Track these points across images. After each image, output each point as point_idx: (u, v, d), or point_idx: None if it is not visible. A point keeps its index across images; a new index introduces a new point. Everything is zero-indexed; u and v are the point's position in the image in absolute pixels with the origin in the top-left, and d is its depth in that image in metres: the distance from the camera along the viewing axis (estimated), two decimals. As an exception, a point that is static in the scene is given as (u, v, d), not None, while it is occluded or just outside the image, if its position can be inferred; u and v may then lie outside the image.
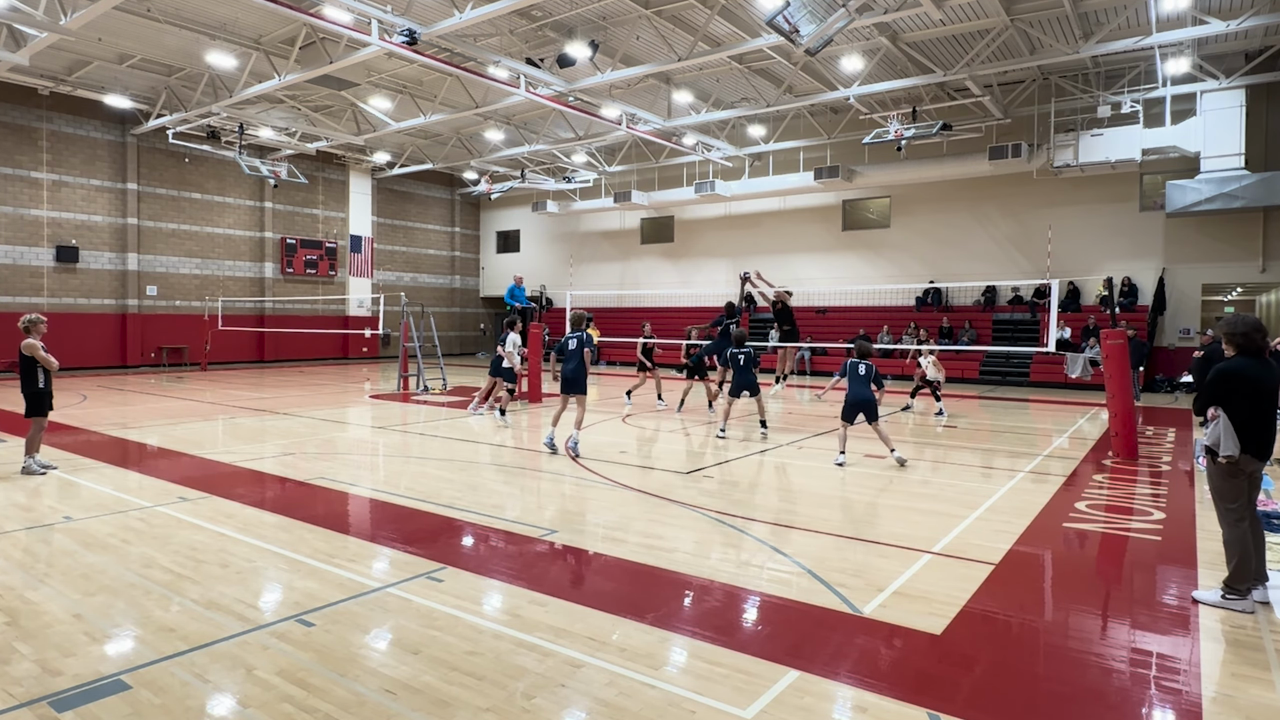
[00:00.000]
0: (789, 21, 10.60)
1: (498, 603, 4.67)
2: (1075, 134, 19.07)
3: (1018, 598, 4.82)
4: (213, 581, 4.93)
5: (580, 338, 9.73)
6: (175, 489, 7.59)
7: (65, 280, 22.45)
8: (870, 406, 9.12)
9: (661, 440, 11.17)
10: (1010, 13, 14.98)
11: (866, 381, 9.15)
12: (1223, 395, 4.61)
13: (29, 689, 3.50)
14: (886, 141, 18.67)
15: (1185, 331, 19.87)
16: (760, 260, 26.66)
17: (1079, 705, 3.49)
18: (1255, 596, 4.62)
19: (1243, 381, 4.56)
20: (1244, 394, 4.55)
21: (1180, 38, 14.92)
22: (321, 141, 24.79)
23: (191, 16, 16.03)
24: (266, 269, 27.30)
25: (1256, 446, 4.55)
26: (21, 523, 6.33)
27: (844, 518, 6.79)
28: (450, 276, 34.47)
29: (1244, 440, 4.54)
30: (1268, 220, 18.62)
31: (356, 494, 7.61)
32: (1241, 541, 4.58)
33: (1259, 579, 4.66)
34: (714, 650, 3.96)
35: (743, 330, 11.70)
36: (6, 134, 21.18)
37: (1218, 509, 4.77)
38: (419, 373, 17.77)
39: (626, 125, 20.85)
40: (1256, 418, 4.54)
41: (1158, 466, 9.25)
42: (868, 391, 9.12)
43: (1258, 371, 4.57)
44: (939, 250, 23.34)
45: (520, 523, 6.46)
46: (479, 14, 13.65)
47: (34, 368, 8.13)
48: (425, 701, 3.43)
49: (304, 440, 10.80)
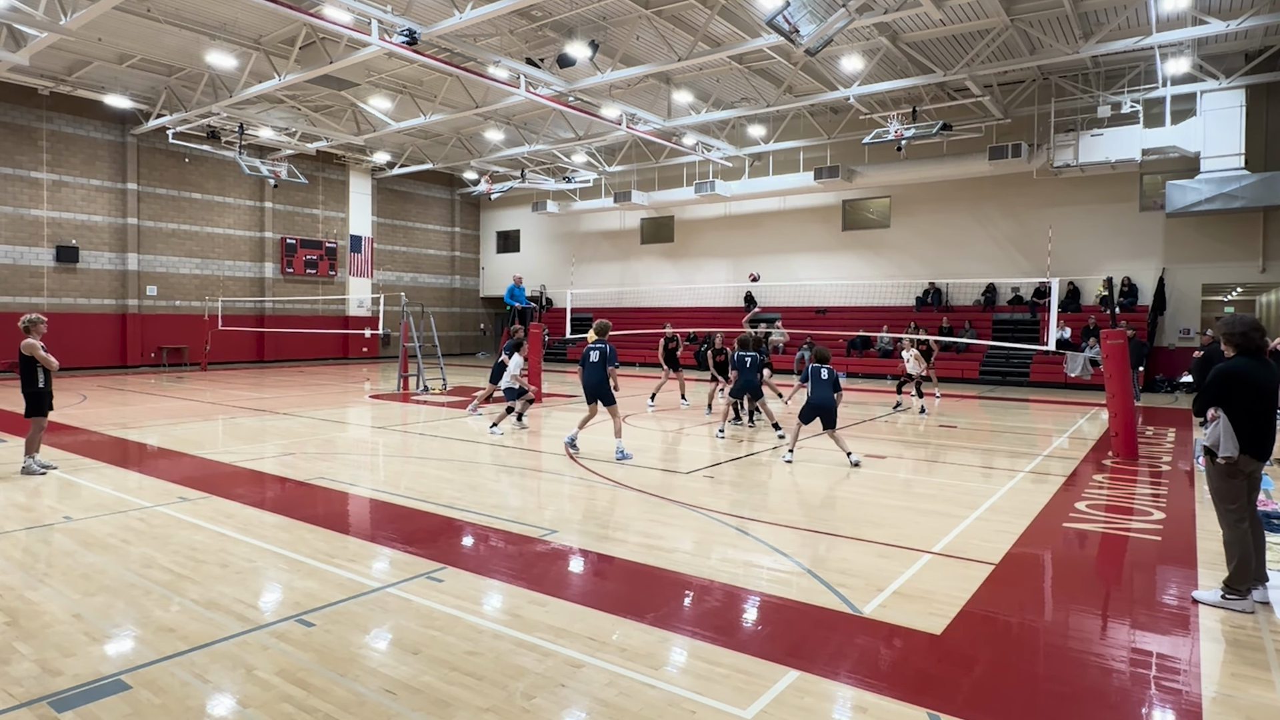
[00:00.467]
0: (789, 21, 10.60)
1: (498, 603, 4.67)
2: (1075, 134, 19.07)
3: (1018, 598, 4.82)
4: (213, 581, 4.93)
5: (603, 349, 9.62)
6: (175, 489, 7.59)
7: (65, 280, 22.45)
8: (829, 413, 9.06)
9: (662, 440, 11.17)
10: (1010, 13, 14.98)
11: (829, 386, 9.13)
12: (1222, 396, 4.60)
13: (29, 689, 3.50)
14: (886, 141, 18.68)
15: (1185, 331, 19.87)
16: (760, 260, 26.71)
17: (1079, 705, 3.48)
18: (1255, 596, 4.62)
19: (1242, 382, 4.55)
20: (1244, 394, 4.54)
21: (1180, 38, 14.93)
22: (321, 141, 24.79)
23: (191, 16, 16.03)
24: (266, 269, 27.30)
25: (1256, 447, 4.55)
26: (21, 523, 6.33)
27: (844, 518, 6.79)
28: (450, 276, 34.48)
29: (1243, 441, 4.54)
30: (1268, 220, 18.63)
31: (356, 494, 7.61)
32: (1242, 542, 4.57)
33: (1259, 579, 4.66)
34: (714, 650, 3.96)
35: (747, 334, 11.72)
36: (6, 134, 21.18)
37: (1218, 510, 4.77)
38: (419, 373, 17.77)
39: (626, 125, 20.85)
40: (1256, 418, 4.54)
41: (1158, 466, 9.24)
42: (829, 396, 9.08)
43: (1257, 372, 4.57)
44: (939, 250, 23.35)
45: (520, 523, 6.46)
46: (479, 14, 13.65)
47: (34, 368, 8.13)
48: (425, 701, 3.43)
49: (304, 440, 10.80)
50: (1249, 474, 4.63)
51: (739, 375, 11.08)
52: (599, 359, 9.60)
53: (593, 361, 9.61)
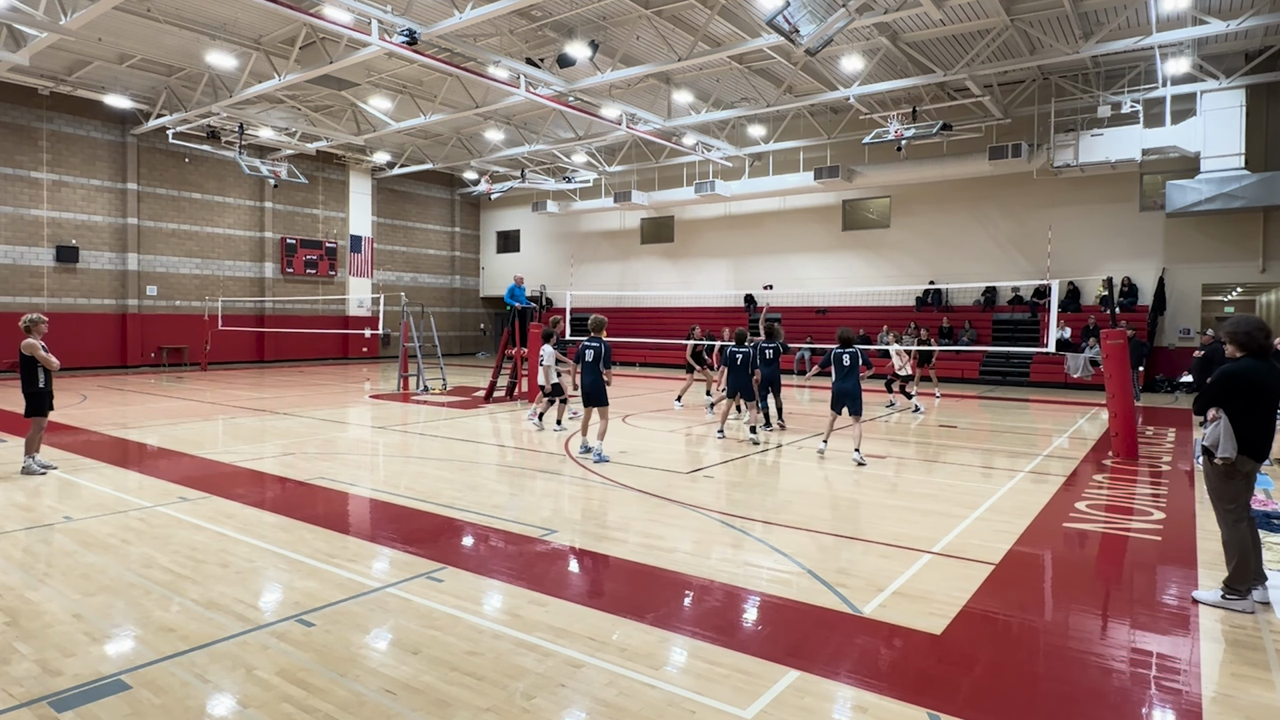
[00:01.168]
0: (789, 21, 10.60)
1: (498, 603, 4.67)
2: (1075, 134, 19.07)
3: (1018, 598, 4.82)
4: (213, 581, 4.93)
5: (598, 348, 9.32)
6: (175, 489, 7.58)
7: (65, 280, 22.45)
8: (855, 400, 9.06)
9: (662, 440, 11.17)
10: (1010, 13, 14.98)
11: (853, 371, 9.05)
12: (1226, 396, 4.61)
13: (29, 689, 3.50)
14: (886, 141, 18.67)
15: (1185, 331, 19.87)
16: (760, 260, 26.73)
17: (1079, 705, 3.48)
18: (1255, 596, 4.62)
19: (1247, 383, 4.56)
20: (1247, 396, 4.55)
21: (1180, 38, 14.93)
22: (321, 141, 24.79)
23: (191, 16, 16.03)
24: (266, 269, 27.30)
25: (1254, 448, 4.56)
26: (21, 523, 6.32)
27: (844, 518, 6.79)
28: (450, 276, 34.48)
29: (1242, 441, 4.54)
30: (1268, 220, 18.62)
31: (356, 494, 7.61)
32: (1241, 541, 4.58)
33: (1258, 579, 4.66)
34: (714, 650, 3.96)
35: (744, 330, 11.68)
36: (6, 134, 21.18)
37: (1216, 509, 4.78)
38: (419, 373, 17.77)
39: (626, 125, 20.84)
40: (1257, 419, 4.54)
41: (1158, 466, 9.24)
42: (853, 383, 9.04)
43: (1262, 373, 4.57)
44: (939, 250, 23.34)
45: (520, 523, 6.46)
46: (479, 14, 13.65)
47: (34, 367, 8.13)
48: (425, 701, 3.43)
49: (304, 440, 10.80)
50: (1246, 473, 4.63)
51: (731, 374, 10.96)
52: (594, 358, 9.32)
53: (588, 361, 9.33)
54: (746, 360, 10.81)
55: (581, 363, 9.44)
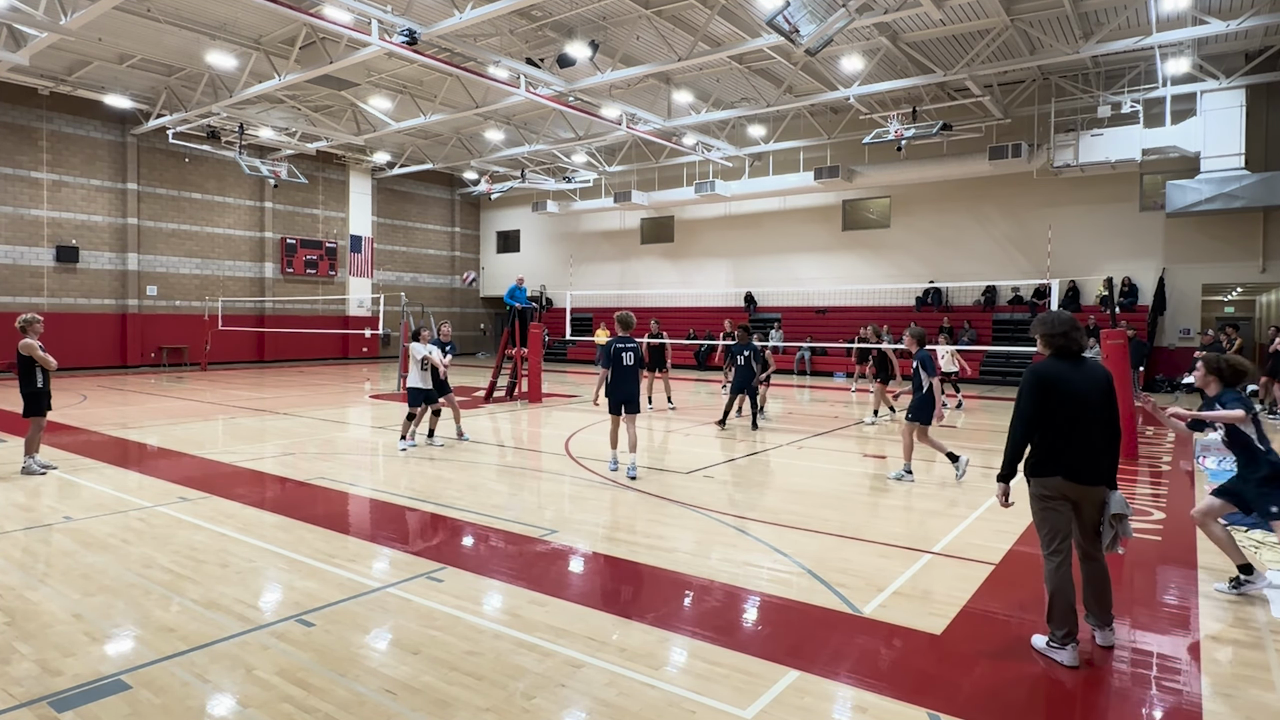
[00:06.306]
0: (789, 21, 10.60)
1: (498, 603, 4.66)
2: (1075, 134, 19.06)
3: (1018, 598, 4.82)
4: (213, 581, 4.93)
5: (637, 349, 8.25)
6: (175, 489, 7.58)
7: (65, 280, 22.45)
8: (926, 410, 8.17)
9: (662, 440, 11.17)
10: (1010, 13, 14.98)
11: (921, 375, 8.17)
12: (1025, 398, 3.97)
13: (29, 689, 3.50)
14: (886, 141, 18.68)
15: (1185, 331, 19.87)
16: (760, 260, 26.74)
17: (1079, 705, 3.48)
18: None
19: (1055, 388, 3.89)
20: (1058, 403, 3.88)
21: (1180, 38, 14.93)
22: (321, 141, 24.79)
23: (191, 16, 16.03)
24: (266, 269, 27.30)
25: (1068, 467, 3.88)
26: (21, 523, 6.32)
27: (844, 517, 6.79)
28: (450, 276, 34.47)
29: (1051, 459, 3.90)
30: (1268, 220, 18.62)
31: (356, 494, 7.61)
32: (1058, 586, 3.87)
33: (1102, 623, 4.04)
34: (714, 650, 3.96)
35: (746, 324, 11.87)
36: (6, 134, 21.18)
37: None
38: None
39: (626, 125, 20.85)
40: (1066, 430, 3.87)
41: (1158, 466, 9.25)
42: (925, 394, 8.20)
43: (1065, 375, 3.93)
44: (939, 250, 23.35)
45: (520, 523, 6.46)
46: (479, 14, 13.65)
47: (32, 367, 8.12)
48: (425, 701, 3.43)
49: (304, 440, 10.80)
50: (1074, 502, 3.93)
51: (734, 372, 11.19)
52: (634, 361, 8.18)
53: (627, 365, 8.13)
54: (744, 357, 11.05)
55: (618, 367, 8.12)
